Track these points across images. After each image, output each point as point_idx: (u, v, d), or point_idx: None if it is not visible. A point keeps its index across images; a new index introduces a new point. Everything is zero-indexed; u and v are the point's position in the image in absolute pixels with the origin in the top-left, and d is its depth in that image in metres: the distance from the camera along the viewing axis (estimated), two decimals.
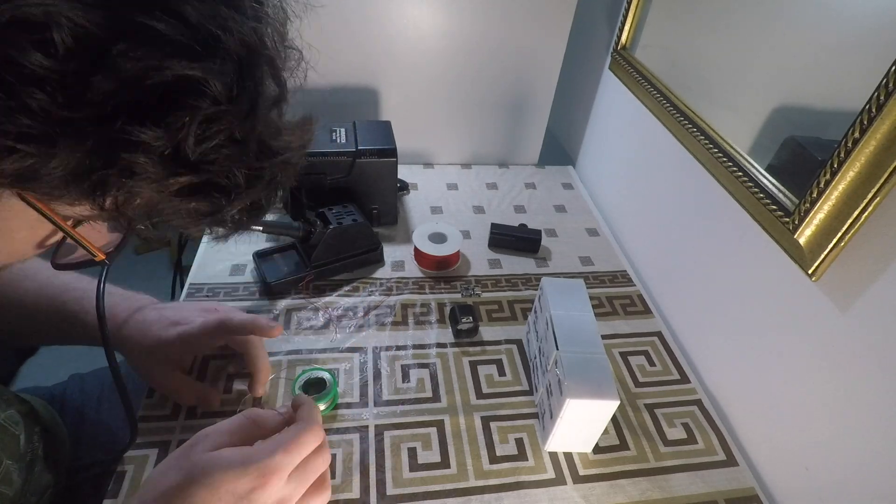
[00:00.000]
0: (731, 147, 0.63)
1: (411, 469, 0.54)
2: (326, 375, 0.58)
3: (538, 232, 0.84)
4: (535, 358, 0.63)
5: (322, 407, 0.57)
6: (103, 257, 0.34)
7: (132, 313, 0.56)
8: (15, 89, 0.22)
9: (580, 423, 0.53)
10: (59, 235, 0.33)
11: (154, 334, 0.55)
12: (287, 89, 0.31)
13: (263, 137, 0.31)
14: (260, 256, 0.73)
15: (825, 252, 0.47)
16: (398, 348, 0.66)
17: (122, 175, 0.26)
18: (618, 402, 0.51)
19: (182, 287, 0.72)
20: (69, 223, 0.31)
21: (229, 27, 0.26)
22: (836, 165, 0.46)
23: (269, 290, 0.71)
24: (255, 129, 0.29)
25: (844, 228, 0.46)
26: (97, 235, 0.34)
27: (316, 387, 0.57)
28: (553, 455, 0.57)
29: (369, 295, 0.73)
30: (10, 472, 0.45)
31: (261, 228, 0.68)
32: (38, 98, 0.23)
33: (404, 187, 0.94)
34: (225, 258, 0.75)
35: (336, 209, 0.75)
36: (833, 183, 0.46)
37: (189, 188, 0.28)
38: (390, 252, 0.81)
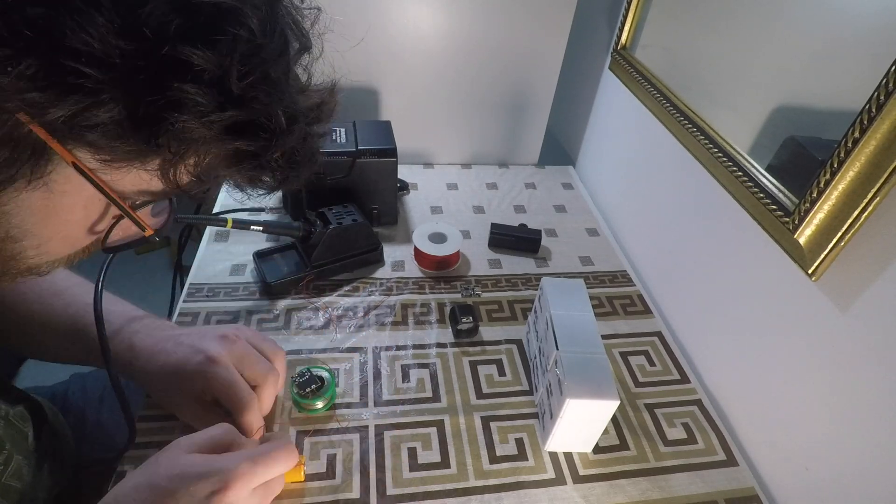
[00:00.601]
0: (731, 147, 0.63)
1: (411, 469, 0.54)
2: (325, 374, 0.58)
3: (538, 232, 0.84)
4: (535, 358, 0.63)
5: (319, 405, 0.57)
6: (152, 231, 0.35)
7: (132, 326, 0.54)
8: (80, 9, 0.23)
9: (580, 423, 0.53)
10: (109, 222, 0.33)
11: (172, 360, 0.51)
12: (310, 40, 0.33)
13: (295, 84, 0.32)
14: (260, 256, 0.73)
15: (825, 252, 0.47)
16: (398, 348, 0.66)
17: (173, 108, 0.26)
18: (618, 402, 0.51)
19: (182, 287, 0.72)
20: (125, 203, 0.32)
21: None
22: (835, 165, 0.46)
23: (270, 290, 0.71)
24: (288, 71, 0.31)
25: (844, 228, 0.46)
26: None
27: (314, 385, 0.57)
28: (553, 455, 0.57)
29: (369, 295, 0.73)
30: (20, 466, 0.46)
31: (261, 228, 0.68)
32: (99, 22, 0.23)
33: (404, 187, 0.94)
34: (225, 258, 0.75)
35: (336, 209, 0.75)
36: (833, 183, 0.46)
37: (236, 126, 0.29)
38: (390, 252, 0.81)
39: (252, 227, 0.66)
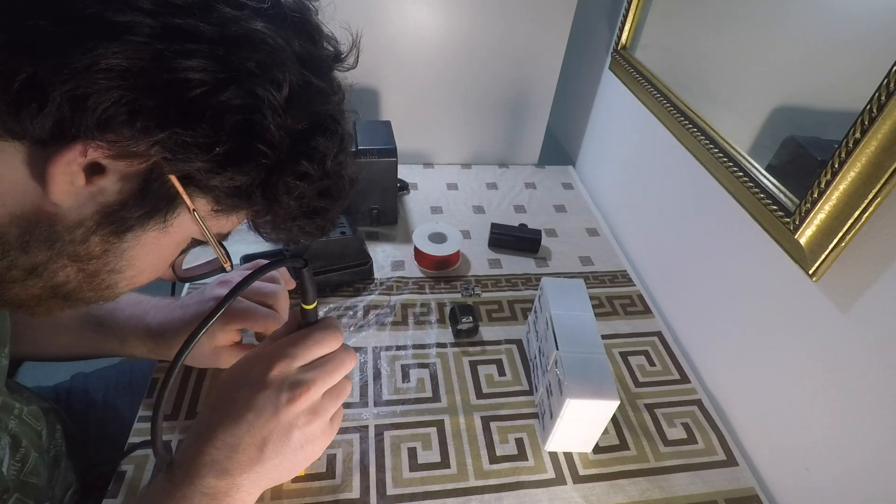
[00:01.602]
0: (732, 147, 0.63)
1: (411, 469, 0.54)
2: None
3: (538, 232, 0.84)
4: (535, 358, 0.63)
5: None
6: (230, 265, 0.41)
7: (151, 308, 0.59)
8: (266, 116, 0.30)
9: (580, 423, 0.53)
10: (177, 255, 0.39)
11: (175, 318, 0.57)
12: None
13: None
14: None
15: (826, 252, 0.47)
16: (398, 348, 0.66)
17: (298, 177, 0.34)
18: (618, 402, 0.51)
19: (183, 287, 0.72)
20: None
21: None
22: (836, 166, 0.46)
23: None
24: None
25: (845, 229, 0.46)
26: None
27: None
28: (553, 455, 0.57)
29: (369, 295, 0.73)
30: (37, 464, 0.46)
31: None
32: (277, 121, 0.31)
33: (404, 187, 0.94)
34: None
35: None
36: (834, 183, 0.46)
37: (324, 190, 0.37)
38: (390, 252, 0.81)
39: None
